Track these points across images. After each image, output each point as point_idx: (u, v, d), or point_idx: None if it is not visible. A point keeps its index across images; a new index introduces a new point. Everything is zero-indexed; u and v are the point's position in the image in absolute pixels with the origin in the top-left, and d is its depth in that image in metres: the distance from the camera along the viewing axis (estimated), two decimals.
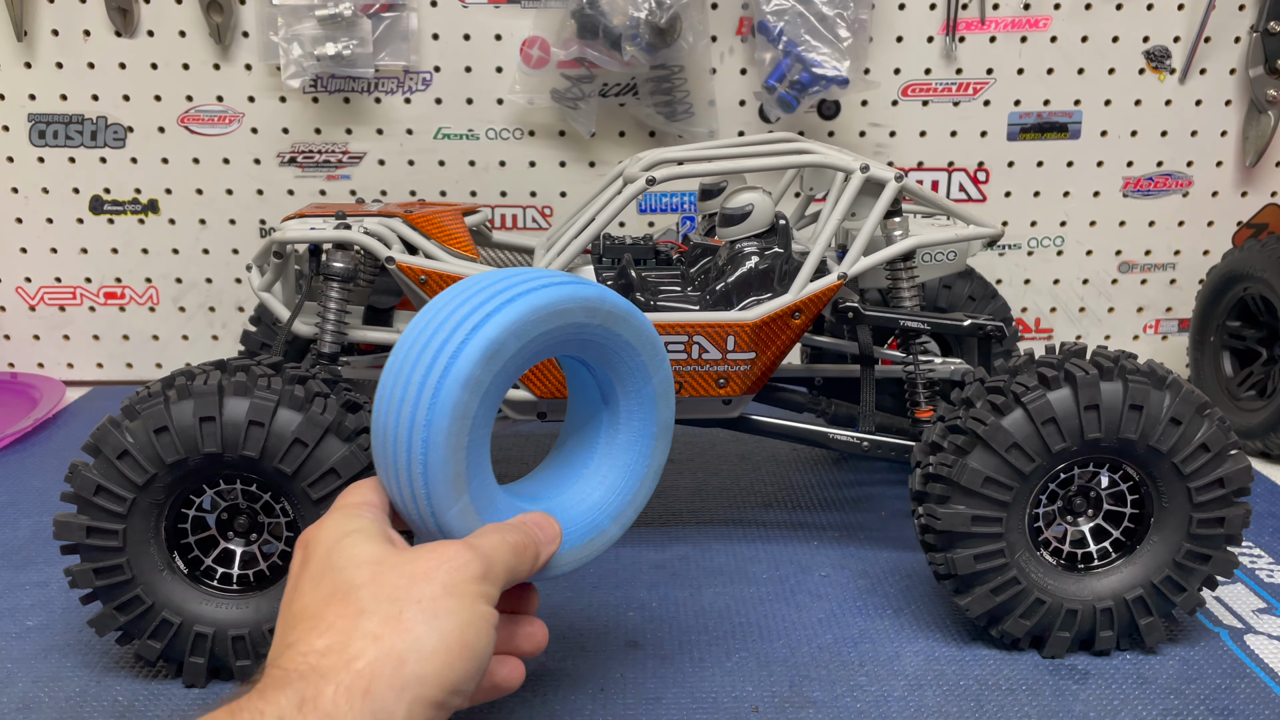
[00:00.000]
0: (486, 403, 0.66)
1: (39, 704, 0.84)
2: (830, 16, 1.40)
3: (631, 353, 0.73)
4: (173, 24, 1.46)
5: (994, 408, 0.86)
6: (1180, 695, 0.85)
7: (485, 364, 0.64)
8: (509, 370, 0.66)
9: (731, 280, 0.99)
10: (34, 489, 1.24)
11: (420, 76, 1.49)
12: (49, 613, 0.97)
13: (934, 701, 0.84)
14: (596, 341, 0.71)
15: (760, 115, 1.49)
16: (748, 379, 0.99)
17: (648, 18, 1.37)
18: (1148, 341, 1.65)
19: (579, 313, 0.68)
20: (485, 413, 0.66)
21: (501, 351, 0.65)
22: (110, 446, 0.81)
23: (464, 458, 0.65)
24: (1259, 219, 1.58)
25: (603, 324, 0.70)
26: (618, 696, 0.84)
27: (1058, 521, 0.91)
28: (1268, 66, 1.48)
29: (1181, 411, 0.85)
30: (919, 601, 0.99)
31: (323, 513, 0.81)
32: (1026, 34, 1.49)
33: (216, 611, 0.84)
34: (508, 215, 1.56)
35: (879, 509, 1.19)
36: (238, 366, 0.84)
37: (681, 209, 1.58)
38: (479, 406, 0.65)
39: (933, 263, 1.06)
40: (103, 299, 1.59)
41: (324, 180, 1.53)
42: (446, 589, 0.57)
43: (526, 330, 0.66)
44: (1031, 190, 1.56)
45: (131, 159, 1.52)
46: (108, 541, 0.81)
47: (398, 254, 0.96)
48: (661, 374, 0.75)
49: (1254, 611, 0.97)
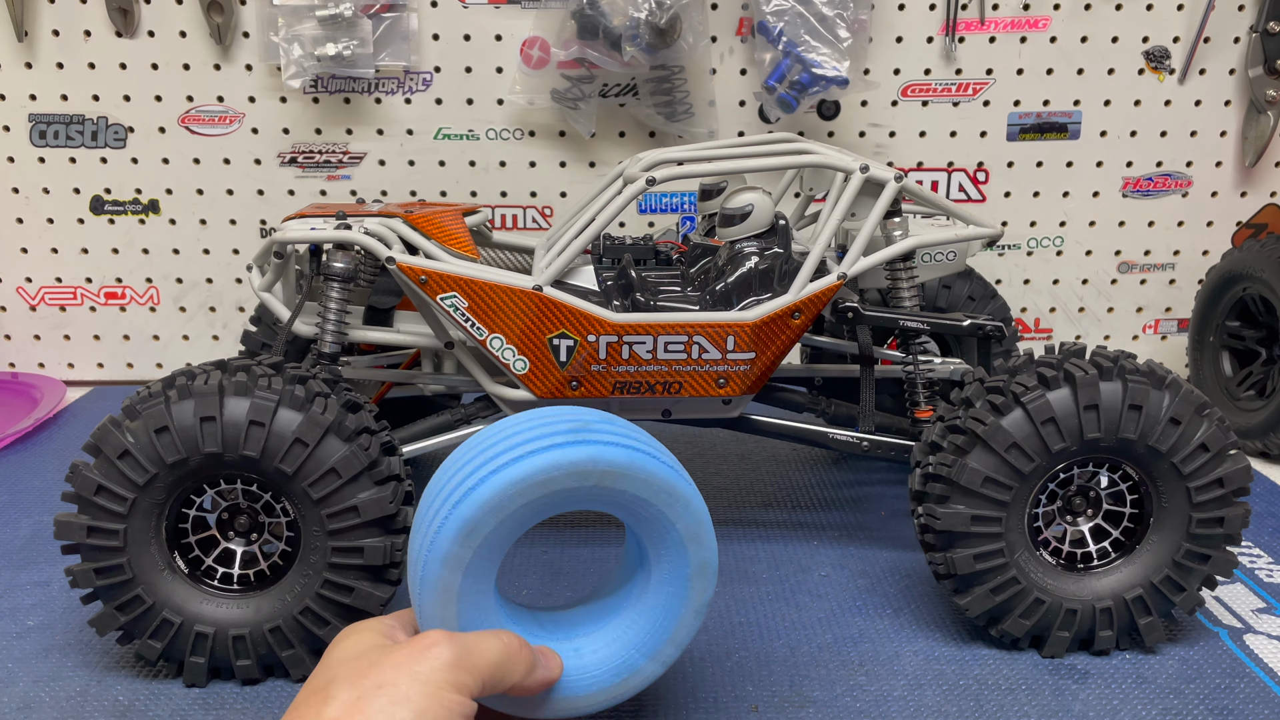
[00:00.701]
0: (475, 576, 0.67)
1: (40, 703, 0.84)
2: (830, 17, 1.40)
3: (643, 505, 0.70)
4: (173, 24, 1.46)
5: (993, 408, 0.86)
6: (1180, 695, 0.85)
7: (463, 542, 0.66)
8: (495, 542, 0.67)
9: (731, 280, 0.99)
10: (34, 489, 1.24)
11: (420, 77, 1.49)
12: (50, 612, 0.97)
13: (934, 701, 0.84)
14: (601, 498, 0.70)
15: (760, 115, 1.50)
16: (748, 379, 0.99)
17: (648, 18, 1.37)
18: (1147, 341, 1.65)
19: (565, 479, 0.67)
20: (478, 584, 0.68)
21: (478, 529, 0.66)
22: (111, 446, 0.81)
23: (454, 618, 0.67)
24: (1258, 219, 1.58)
25: (598, 484, 0.68)
26: None
27: (1057, 521, 0.91)
28: (1267, 67, 1.48)
29: (1181, 411, 0.85)
30: (919, 601, 0.99)
31: (322, 513, 0.82)
32: (1026, 34, 1.49)
33: (217, 611, 0.85)
34: (508, 215, 1.56)
35: (879, 509, 1.19)
36: (238, 366, 0.84)
37: (681, 209, 1.58)
38: (464, 580, 0.67)
39: (932, 263, 1.06)
40: (103, 299, 1.59)
41: (324, 180, 1.53)
42: (413, 676, 0.61)
43: (505, 505, 0.66)
44: (1031, 190, 1.56)
45: (132, 159, 1.52)
46: (108, 541, 0.82)
47: (398, 254, 0.96)
48: (688, 517, 0.71)
49: (1253, 611, 0.97)
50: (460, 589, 0.67)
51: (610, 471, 0.68)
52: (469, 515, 0.66)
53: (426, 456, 1.02)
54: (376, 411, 0.89)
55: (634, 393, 0.98)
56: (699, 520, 0.72)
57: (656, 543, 0.72)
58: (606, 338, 0.96)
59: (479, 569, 0.67)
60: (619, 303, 1.00)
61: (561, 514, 1.16)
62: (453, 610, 0.67)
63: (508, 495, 0.66)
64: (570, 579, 1.03)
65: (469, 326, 0.96)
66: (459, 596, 0.67)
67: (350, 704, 0.58)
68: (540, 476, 0.66)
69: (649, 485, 0.69)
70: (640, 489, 0.69)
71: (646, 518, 0.71)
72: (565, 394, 0.98)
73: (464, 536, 0.66)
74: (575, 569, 1.04)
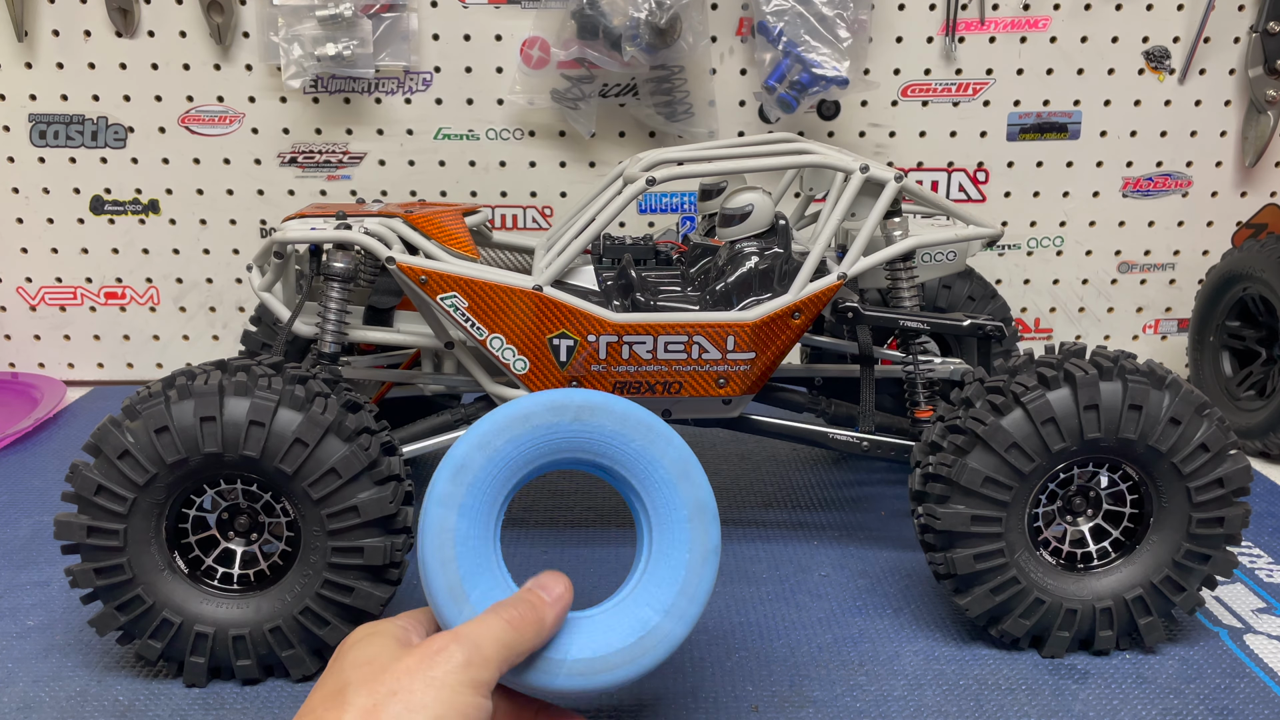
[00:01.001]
0: (471, 517, 0.69)
1: (40, 703, 0.84)
2: (830, 17, 1.40)
3: (624, 441, 0.73)
4: (173, 24, 1.46)
5: (993, 408, 0.86)
6: (1180, 695, 0.85)
7: (454, 479, 0.69)
8: (488, 483, 0.70)
9: (731, 280, 0.99)
10: (34, 489, 1.24)
11: (420, 77, 1.49)
12: (50, 612, 0.97)
13: (934, 701, 0.84)
14: (589, 441, 0.72)
15: (760, 115, 1.50)
16: (748, 379, 0.99)
17: (648, 18, 1.37)
18: (1147, 341, 1.65)
19: (544, 414, 0.71)
20: (474, 528, 0.69)
21: (468, 465, 0.69)
22: (111, 446, 0.81)
23: (455, 570, 0.68)
24: (1258, 219, 1.58)
25: (576, 418, 0.72)
26: (618, 696, 0.84)
27: (1057, 521, 0.91)
28: (1267, 67, 1.48)
29: (1181, 411, 0.85)
30: (918, 601, 0.99)
31: (322, 513, 0.82)
32: (1026, 34, 1.49)
33: (217, 611, 0.85)
34: (508, 215, 1.56)
35: (879, 509, 1.19)
36: (238, 366, 0.84)
37: (681, 209, 1.58)
38: (459, 520, 0.68)
39: (932, 263, 1.06)
40: (103, 299, 1.59)
41: (324, 180, 1.53)
42: (428, 682, 0.61)
43: (489, 440, 0.70)
44: (1031, 190, 1.56)
45: (132, 159, 1.52)
46: (108, 541, 0.81)
47: (398, 254, 0.96)
48: (672, 453, 0.73)
49: (1253, 611, 0.97)
50: (456, 529, 0.68)
51: (586, 406, 0.72)
52: (458, 452, 0.69)
53: (426, 456, 1.02)
54: (376, 411, 0.89)
55: (634, 393, 0.98)
56: (684, 457, 0.74)
57: (647, 486, 0.73)
58: (606, 338, 0.96)
59: (474, 511, 0.69)
60: (619, 303, 1.00)
61: (561, 514, 1.15)
62: (450, 553, 0.68)
63: (491, 430, 0.70)
64: (575, 579, 1.02)
65: (469, 326, 0.96)
66: (456, 538, 0.68)
67: (366, 711, 0.58)
68: (520, 411, 0.71)
69: (626, 419, 0.73)
70: (618, 424, 0.72)
71: (631, 460, 0.73)
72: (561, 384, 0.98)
73: (455, 474, 0.69)
74: (576, 569, 1.04)
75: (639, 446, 0.73)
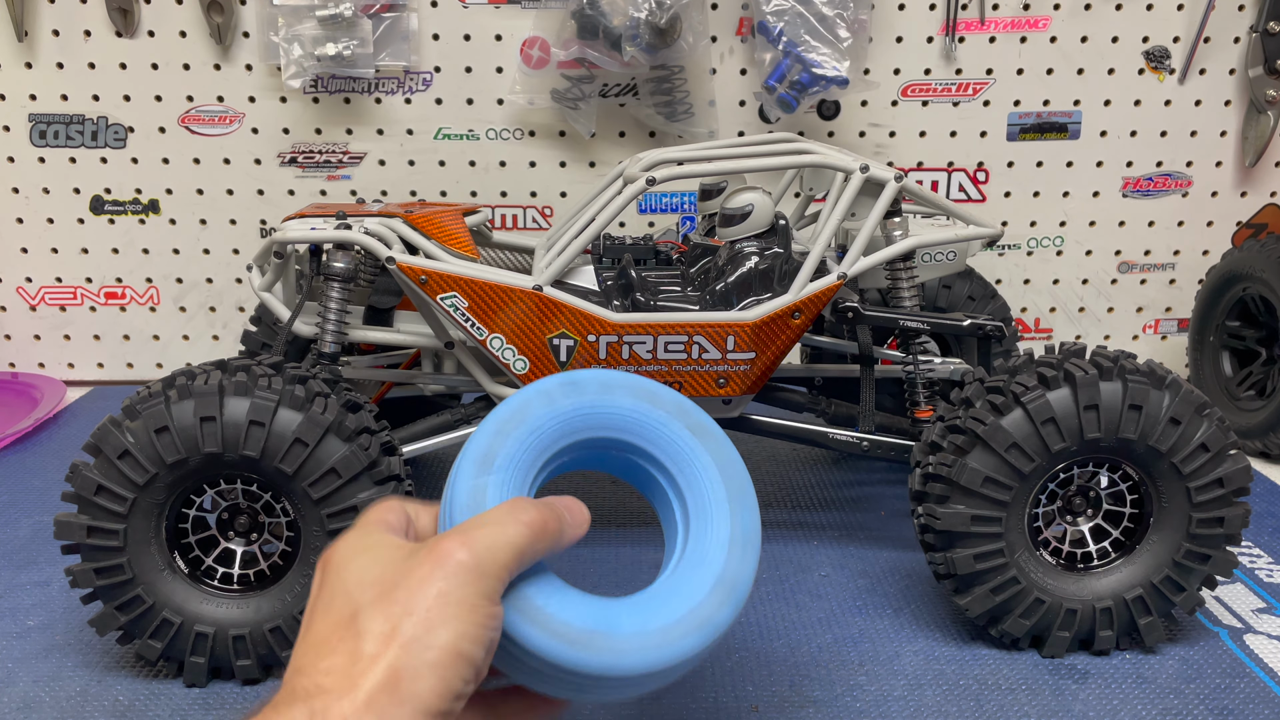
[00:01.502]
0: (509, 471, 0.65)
1: (40, 703, 0.84)
2: (830, 17, 1.40)
3: (646, 411, 0.70)
4: (173, 24, 1.46)
5: (993, 408, 0.86)
6: (1180, 695, 0.85)
7: (498, 433, 0.65)
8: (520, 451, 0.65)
9: (731, 280, 0.99)
10: (34, 489, 1.24)
11: (420, 77, 1.49)
12: (50, 612, 0.97)
13: (934, 701, 0.84)
14: (613, 419, 0.69)
15: (760, 115, 1.49)
16: (748, 379, 0.99)
17: (648, 18, 1.37)
18: (1147, 341, 1.65)
19: (556, 391, 0.67)
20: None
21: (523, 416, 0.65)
22: (111, 446, 0.81)
23: (498, 445, 0.64)
24: (1258, 219, 1.58)
25: (598, 395, 0.68)
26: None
27: (1057, 521, 0.91)
28: (1267, 67, 1.48)
29: (1181, 411, 0.85)
30: (919, 601, 0.99)
31: (322, 513, 0.82)
32: (1026, 34, 1.49)
33: (217, 611, 0.85)
34: (508, 215, 1.56)
35: (879, 509, 1.19)
36: (238, 366, 0.84)
37: (681, 209, 1.58)
38: (495, 439, 0.64)
39: (932, 263, 1.06)
40: (103, 299, 1.59)
41: (324, 180, 1.53)
42: (441, 597, 0.57)
43: (506, 428, 0.65)
44: (1031, 190, 1.56)
45: (132, 159, 1.52)
46: (108, 541, 0.81)
47: (398, 254, 0.96)
48: (690, 418, 0.70)
49: (1253, 611, 0.97)
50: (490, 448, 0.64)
51: (602, 381, 0.68)
52: (482, 427, 0.65)
53: (426, 456, 1.01)
54: (376, 411, 0.89)
55: None
56: (701, 423, 0.70)
57: (675, 459, 0.70)
58: (606, 338, 0.96)
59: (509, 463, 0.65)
60: (619, 303, 1.00)
61: None
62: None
63: (505, 418, 0.65)
64: (575, 579, 1.02)
65: (469, 326, 0.96)
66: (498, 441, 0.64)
67: (385, 636, 0.55)
68: (541, 386, 0.67)
69: (638, 390, 0.69)
70: (631, 395, 0.69)
71: (653, 429, 0.69)
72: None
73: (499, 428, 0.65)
74: (576, 568, 1.04)
75: (662, 416, 0.70)
